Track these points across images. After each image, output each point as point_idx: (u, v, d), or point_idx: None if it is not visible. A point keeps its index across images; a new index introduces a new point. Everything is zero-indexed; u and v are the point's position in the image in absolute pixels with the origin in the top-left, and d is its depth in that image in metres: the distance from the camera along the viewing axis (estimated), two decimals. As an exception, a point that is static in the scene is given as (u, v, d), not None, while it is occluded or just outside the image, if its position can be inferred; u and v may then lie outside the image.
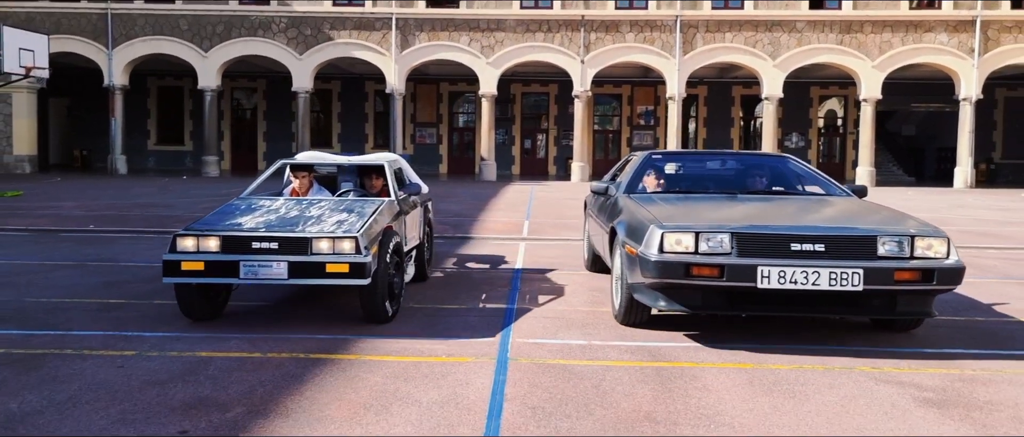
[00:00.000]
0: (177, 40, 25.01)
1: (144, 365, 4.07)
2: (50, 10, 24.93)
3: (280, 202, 5.50)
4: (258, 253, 4.65)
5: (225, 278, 4.67)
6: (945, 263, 4.35)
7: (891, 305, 4.49)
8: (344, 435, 3.15)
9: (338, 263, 4.58)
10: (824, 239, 4.36)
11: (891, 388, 3.84)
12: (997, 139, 29.70)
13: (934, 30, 24.26)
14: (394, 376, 3.91)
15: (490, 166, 25.58)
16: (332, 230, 4.74)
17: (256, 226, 4.83)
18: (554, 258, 8.40)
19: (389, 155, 6.60)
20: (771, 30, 24.48)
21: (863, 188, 6.04)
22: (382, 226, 5.12)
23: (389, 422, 3.29)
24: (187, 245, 4.69)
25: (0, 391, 3.63)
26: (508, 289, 6.46)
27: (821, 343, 4.71)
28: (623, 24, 24.82)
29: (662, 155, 6.86)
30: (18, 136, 25.22)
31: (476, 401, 3.56)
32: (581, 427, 3.26)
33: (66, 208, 13.16)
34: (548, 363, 4.19)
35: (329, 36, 25.03)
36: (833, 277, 4.23)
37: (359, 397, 3.60)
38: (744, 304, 4.50)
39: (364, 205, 5.34)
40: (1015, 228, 12.18)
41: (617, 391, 3.73)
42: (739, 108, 30.30)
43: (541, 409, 3.46)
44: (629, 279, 4.84)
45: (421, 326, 5.03)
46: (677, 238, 4.42)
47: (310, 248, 4.64)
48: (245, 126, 30.78)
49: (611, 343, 4.64)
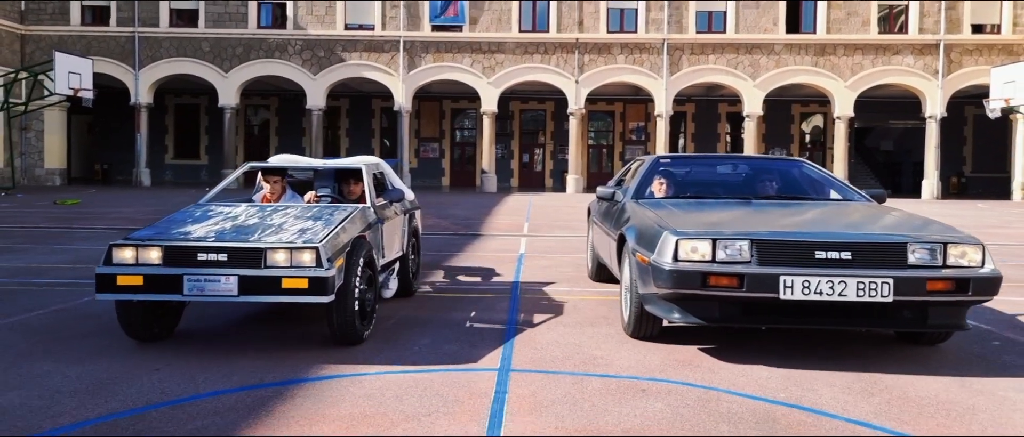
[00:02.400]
0: (199, 61, 27.41)
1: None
2: (82, 33, 27.34)
3: (241, 208, 5.08)
4: (205, 266, 4.20)
5: (167, 294, 4.20)
6: (980, 272, 4.15)
7: (922, 317, 4.29)
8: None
9: (296, 277, 4.13)
10: (851, 247, 4.18)
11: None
12: (967, 154, 32.20)
13: (901, 53, 26.79)
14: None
15: (491, 178, 27.95)
16: (291, 240, 4.30)
17: (205, 235, 4.40)
18: (551, 255, 10.68)
19: (369, 158, 6.28)
20: (751, 52, 27.00)
21: (882, 193, 5.83)
22: (351, 236, 4.68)
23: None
24: (125, 256, 4.25)
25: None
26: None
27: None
28: (614, 46, 27.30)
29: (671, 159, 6.71)
30: (49, 151, 27.54)
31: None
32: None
33: (125, 212, 15.45)
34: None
35: (341, 57, 27.46)
36: (861, 287, 4.03)
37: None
38: (765, 316, 4.32)
39: (333, 212, 4.92)
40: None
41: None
42: (725, 123, 32.77)
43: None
44: (640, 289, 4.65)
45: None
46: (693, 245, 4.23)
47: (264, 260, 4.19)
48: (258, 141, 33.14)
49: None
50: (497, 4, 27.39)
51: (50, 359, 4.31)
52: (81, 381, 3.89)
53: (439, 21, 27.44)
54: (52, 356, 4.37)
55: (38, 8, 27.33)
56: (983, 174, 31.35)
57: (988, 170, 31.17)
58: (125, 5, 27.30)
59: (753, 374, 4.17)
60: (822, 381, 4.06)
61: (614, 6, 27.44)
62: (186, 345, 4.62)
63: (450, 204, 19.27)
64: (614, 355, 4.54)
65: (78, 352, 4.46)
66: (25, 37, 27.21)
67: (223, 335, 4.97)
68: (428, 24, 27.53)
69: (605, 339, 4.96)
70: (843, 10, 26.91)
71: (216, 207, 5.09)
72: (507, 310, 6.02)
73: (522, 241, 11.48)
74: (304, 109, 28.48)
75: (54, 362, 4.24)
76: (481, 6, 27.40)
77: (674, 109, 28.23)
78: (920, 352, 4.73)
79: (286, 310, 5.62)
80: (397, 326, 5.29)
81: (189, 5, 27.54)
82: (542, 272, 8.16)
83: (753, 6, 26.99)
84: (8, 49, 26.47)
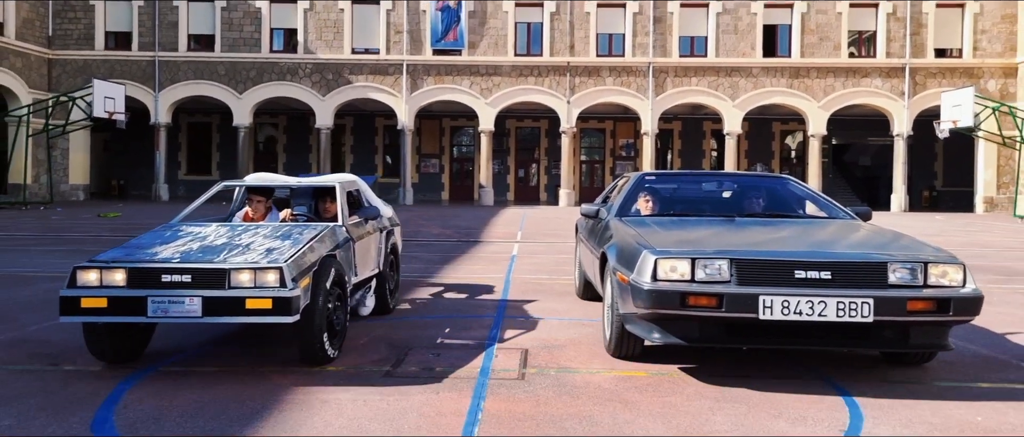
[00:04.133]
0: (215, 84, 29.76)
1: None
2: (106, 57, 29.68)
3: (211, 228, 5.22)
4: (169, 287, 4.29)
5: (132, 317, 4.30)
6: (961, 292, 4.20)
7: (904, 337, 4.34)
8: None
9: (260, 298, 4.22)
10: (831, 266, 4.22)
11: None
12: (938, 169, 34.63)
13: (870, 76, 29.25)
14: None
15: (488, 192, 30.27)
16: (255, 260, 4.40)
17: (170, 256, 4.49)
18: (539, 256, 12.95)
19: (344, 176, 6.36)
20: (730, 75, 29.44)
21: (867, 211, 5.90)
22: (319, 255, 4.81)
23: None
24: (89, 279, 4.33)
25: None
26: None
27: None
28: (603, 70, 29.73)
29: (656, 176, 6.78)
30: (74, 168, 29.82)
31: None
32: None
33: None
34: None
35: (348, 80, 29.83)
36: (841, 307, 4.07)
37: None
38: (745, 336, 4.36)
39: (303, 231, 5.07)
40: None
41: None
42: (710, 140, 35.17)
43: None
44: (620, 309, 4.69)
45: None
46: (672, 265, 4.27)
47: (228, 281, 4.29)
48: (266, 158, 35.43)
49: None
50: (494, 30, 29.81)
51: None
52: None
53: (440, 46, 29.84)
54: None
55: (65, 33, 29.67)
56: (953, 188, 33.72)
57: (957, 184, 33.52)
58: (146, 31, 29.67)
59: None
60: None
61: (603, 32, 29.89)
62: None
63: (452, 216, 21.58)
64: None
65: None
66: (52, 61, 29.54)
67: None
68: (429, 49, 29.92)
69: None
70: (816, 35, 29.38)
71: (187, 227, 5.26)
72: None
73: (516, 245, 13.76)
74: (311, 127, 30.82)
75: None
76: (479, 32, 29.82)
77: (661, 127, 30.63)
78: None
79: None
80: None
81: (206, 31, 29.92)
82: (531, 275, 10.41)
83: (732, 32, 29.44)
84: (36, 72, 28.78)
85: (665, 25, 29.53)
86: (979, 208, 29.21)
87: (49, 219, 19.09)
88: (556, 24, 29.75)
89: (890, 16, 29.18)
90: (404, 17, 29.68)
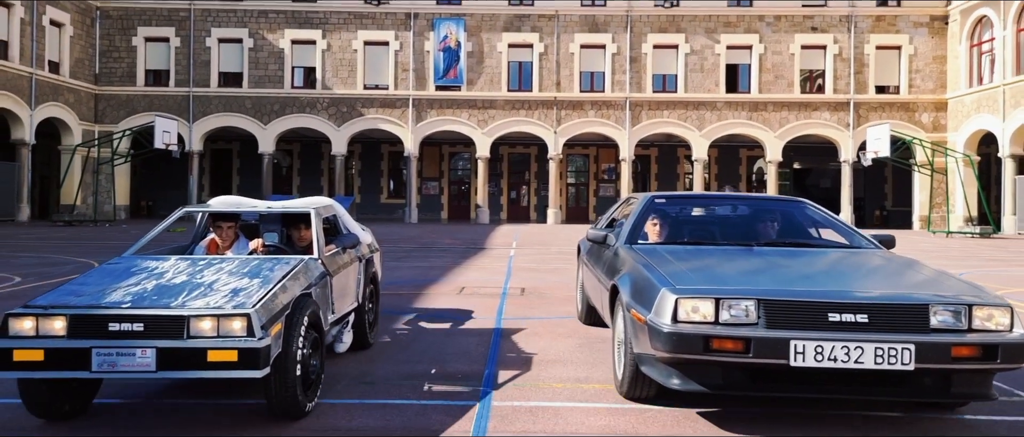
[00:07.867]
0: (243, 116, 34.71)
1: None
2: (145, 93, 34.62)
3: (169, 263, 4.64)
4: (117, 337, 3.73)
5: (73, 372, 3.71)
6: (1009, 337, 3.95)
7: (945, 386, 4.07)
8: None
9: (224, 349, 3.70)
10: (868, 308, 3.97)
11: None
12: (888, 191, 39.87)
13: (820, 109, 34.49)
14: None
15: (484, 211, 35.25)
16: (219, 304, 3.87)
17: (120, 299, 3.94)
18: (531, 258, 17.86)
19: (320, 200, 5.89)
20: (697, 108, 34.63)
21: (891, 238, 5.69)
22: (293, 295, 4.32)
23: None
24: (24, 327, 3.76)
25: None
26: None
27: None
28: (586, 103, 34.87)
29: (666, 198, 6.52)
30: (118, 190, 34.65)
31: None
32: None
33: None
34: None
35: (360, 112, 34.84)
36: (879, 354, 3.82)
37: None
38: (773, 384, 4.09)
39: (274, 267, 4.56)
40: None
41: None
42: (685, 164, 40.29)
43: None
44: (635, 348, 4.43)
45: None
46: (694, 305, 4.02)
47: (187, 330, 3.75)
48: (282, 181, 40.31)
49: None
50: (490, 68, 34.93)
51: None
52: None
53: (442, 82, 34.93)
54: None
55: (109, 71, 34.60)
56: (900, 208, 38.92)
57: (903, 205, 38.74)
58: (181, 69, 34.64)
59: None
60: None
61: (586, 70, 35.06)
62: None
63: (457, 231, 26.53)
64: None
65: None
66: (98, 96, 34.45)
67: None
68: (433, 85, 34.99)
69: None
70: (772, 74, 34.63)
71: (141, 262, 4.71)
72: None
73: (512, 250, 18.68)
74: (323, 153, 35.72)
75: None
76: (477, 70, 34.92)
77: (640, 153, 35.77)
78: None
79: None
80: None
81: (235, 69, 34.92)
82: (525, 264, 15.30)
83: (699, 70, 34.67)
84: (85, 106, 33.68)
85: (640, 64, 34.72)
86: (916, 225, 34.37)
87: (129, 232, 23.84)
88: (544, 63, 34.89)
89: (837, 57, 34.47)
90: (410, 57, 34.76)
